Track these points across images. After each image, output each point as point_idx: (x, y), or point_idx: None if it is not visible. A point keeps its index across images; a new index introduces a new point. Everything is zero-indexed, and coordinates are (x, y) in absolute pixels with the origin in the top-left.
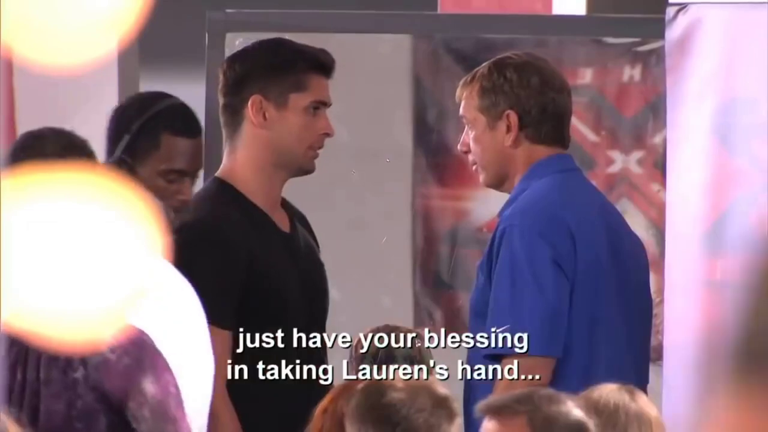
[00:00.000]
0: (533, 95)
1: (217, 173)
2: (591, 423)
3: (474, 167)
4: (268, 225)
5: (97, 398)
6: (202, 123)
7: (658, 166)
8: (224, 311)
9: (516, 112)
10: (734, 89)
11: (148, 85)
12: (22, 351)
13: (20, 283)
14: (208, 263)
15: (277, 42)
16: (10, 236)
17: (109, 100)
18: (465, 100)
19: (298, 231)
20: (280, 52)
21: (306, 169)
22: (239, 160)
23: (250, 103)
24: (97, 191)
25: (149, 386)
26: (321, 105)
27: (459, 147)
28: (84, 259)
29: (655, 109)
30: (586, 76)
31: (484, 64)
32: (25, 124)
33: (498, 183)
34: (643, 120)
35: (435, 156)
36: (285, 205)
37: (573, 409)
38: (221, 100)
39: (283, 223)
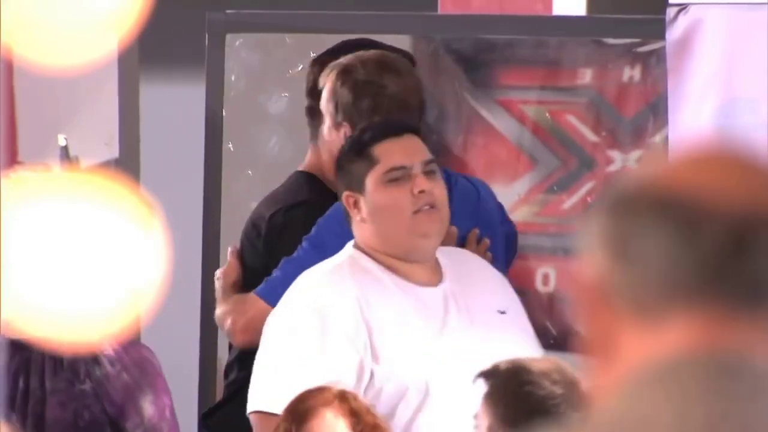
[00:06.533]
0: (365, 117)
1: (301, 167)
2: None
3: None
4: None
5: (102, 410)
6: (202, 124)
7: None
8: None
9: (351, 126)
10: (735, 89)
11: (148, 85)
12: (24, 359)
13: (21, 285)
14: None
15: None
16: (11, 238)
17: (109, 100)
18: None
19: None
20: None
21: None
22: (323, 156)
23: None
24: (97, 194)
25: (147, 407)
26: None
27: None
28: (84, 262)
29: (655, 110)
30: (585, 76)
31: (339, 60)
32: (25, 124)
33: None
34: (643, 120)
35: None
36: None
37: None
38: (306, 101)
39: None
